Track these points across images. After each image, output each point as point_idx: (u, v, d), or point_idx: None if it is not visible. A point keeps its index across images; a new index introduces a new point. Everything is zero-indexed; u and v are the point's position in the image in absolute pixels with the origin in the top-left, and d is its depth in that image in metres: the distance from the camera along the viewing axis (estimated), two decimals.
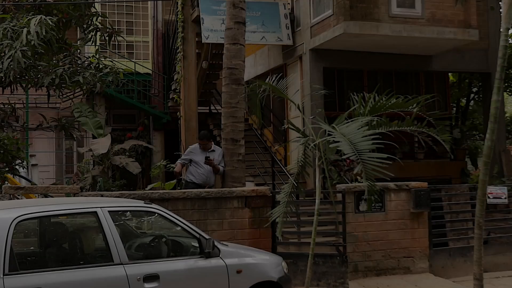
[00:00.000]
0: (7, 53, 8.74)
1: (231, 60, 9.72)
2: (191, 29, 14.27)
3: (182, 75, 14.20)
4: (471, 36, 12.75)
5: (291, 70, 14.54)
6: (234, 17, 9.78)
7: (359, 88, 14.24)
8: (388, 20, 12.19)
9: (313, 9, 13.31)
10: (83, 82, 9.75)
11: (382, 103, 7.22)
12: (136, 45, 18.96)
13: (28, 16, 9.27)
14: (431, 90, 15.08)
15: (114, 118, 19.16)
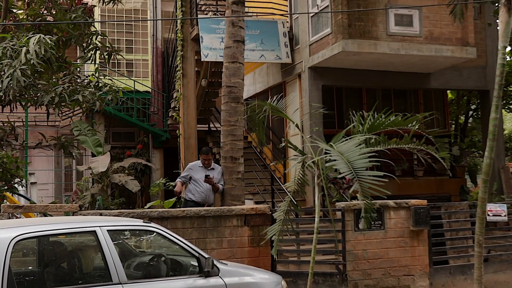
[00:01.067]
0: (7, 72, 8.77)
1: (230, 78, 9.76)
2: (191, 48, 14.33)
3: (182, 93, 14.23)
4: (468, 53, 12.81)
5: (290, 88, 14.59)
6: (233, 35, 9.84)
7: (358, 105, 14.30)
8: (386, 38, 12.25)
9: (311, 27, 13.38)
10: (82, 100, 9.76)
11: (381, 121, 7.25)
12: (136, 63, 19.04)
13: (28, 35, 9.32)
14: (430, 108, 15.13)
15: (114, 136, 19.19)
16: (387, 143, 7.24)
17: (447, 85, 14.61)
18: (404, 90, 15.06)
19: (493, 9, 13.89)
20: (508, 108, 18.85)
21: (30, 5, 11.06)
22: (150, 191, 13.62)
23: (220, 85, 10.47)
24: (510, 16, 8.13)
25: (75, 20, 10.45)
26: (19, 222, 6.01)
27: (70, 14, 10.56)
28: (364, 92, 14.70)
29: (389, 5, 12.34)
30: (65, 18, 10.52)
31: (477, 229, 8.39)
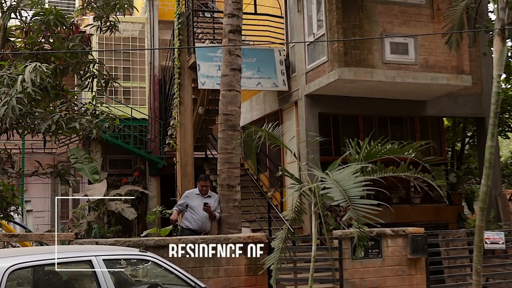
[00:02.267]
0: (3, 100, 8.80)
1: (227, 106, 9.79)
2: (188, 75, 14.42)
3: (179, 121, 14.27)
4: (464, 81, 12.89)
5: (287, 116, 14.64)
6: (230, 64, 9.90)
7: (355, 133, 14.34)
8: (382, 66, 12.34)
9: (308, 55, 13.48)
10: (79, 128, 9.78)
11: (377, 149, 7.27)
12: (133, 91, 19.11)
13: (26, 63, 9.37)
14: (426, 135, 15.17)
15: (110, 163, 19.17)
16: (384, 171, 7.25)
17: (443, 112, 14.67)
18: (400, 117, 15.12)
19: (488, 38, 14.07)
20: (505, 135, 18.92)
21: (28, 34, 11.15)
22: (147, 219, 13.56)
23: (217, 112, 10.51)
24: (504, 45, 8.23)
25: (72, 48, 10.53)
26: (14, 252, 5.98)
27: (68, 42, 10.64)
28: (361, 119, 14.76)
29: (385, 33, 12.45)
30: (62, 46, 10.60)
31: (475, 258, 8.37)
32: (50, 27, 10.53)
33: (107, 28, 11.42)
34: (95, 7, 11.25)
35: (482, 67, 14.70)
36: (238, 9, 10.08)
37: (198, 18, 15.23)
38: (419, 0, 12.96)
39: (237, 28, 10.04)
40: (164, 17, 19.59)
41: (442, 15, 11.97)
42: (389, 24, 12.60)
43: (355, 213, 6.25)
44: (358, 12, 12.36)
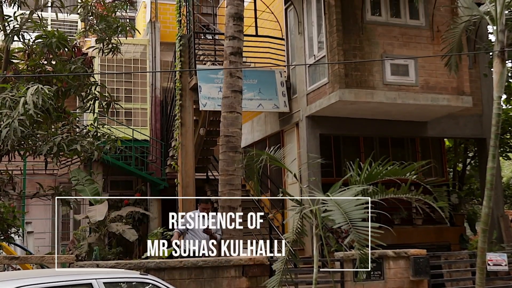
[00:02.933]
0: (5, 122, 8.83)
1: (228, 128, 9.82)
2: (189, 97, 14.46)
3: (180, 142, 14.29)
4: (464, 102, 12.93)
5: (288, 137, 14.66)
6: (231, 85, 9.94)
7: (356, 154, 14.34)
8: (383, 87, 12.38)
9: (308, 77, 13.54)
10: (81, 150, 9.80)
11: (378, 171, 7.27)
12: (135, 112, 19.16)
13: (28, 85, 9.41)
14: (427, 156, 15.17)
15: (112, 184, 19.17)
16: (385, 193, 7.25)
17: (444, 133, 14.69)
18: (401, 138, 15.13)
19: (488, 59, 14.13)
20: (506, 156, 18.90)
21: (31, 56, 11.21)
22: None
23: (218, 133, 10.54)
24: (504, 67, 8.27)
25: (75, 71, 10.58)
26: (14, 275, 5.96)
27: (70, 65, 10.69)
28: (362, 140, 14.77)
29: (385, 55, 12.52)
30: (64, 69, 10.65)
31: (478, 280, 8.33)
32: (53, 50, 10.58)
33: (109, 51, 11.48)
34: (97, 30, 11.33)
35: (483, 88, 14.75)
36: (239, 32, 10.15)
37: (199, 40, 15.32)
38: (419, 22, 13.06)
39: (238, 50, 10.10)
40: (165, 39, 19.71)
41: (441, 37, 12.05)
42: (389, 45, 12.67)
43: (357, 235, 6.24)
44: (358, 34, 12.45)
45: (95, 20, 11.47)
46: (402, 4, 13.01)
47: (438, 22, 12.92)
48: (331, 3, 12.34)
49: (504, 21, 8.57)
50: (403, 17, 13.03)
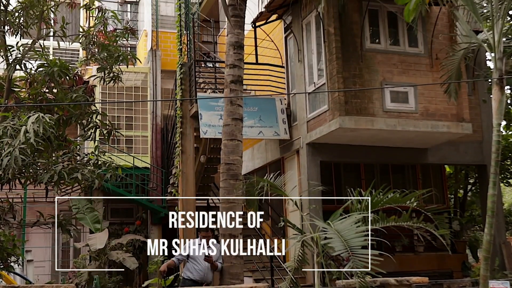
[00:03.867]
0: (6, 151, 8.86)
1: (228, 155, 9.83)
2: (190, 125, 14.52)
3: (180, 170, 14.31)
4: (464, 129, 12.96)
5: (288, 164, 14.67)
6: (231, 113, 9.98)
7: (357, 181, 14.34)
8: (383, 114, 12.43)
9: (309, 104, 13.60)
10: (81, 179, 9.81)
11: (379, 199, 7.27)
12: (135, 140, 19.21)
13: (29, 114, 9.46)
14: (428, 182, 15.16)
15: (112, 212, 19.13)
16: (386, 220, 7.24)
17: (444, 160, 14.70)
18: (402, 165, 15.13)
19: (487, 85, 14.21)
20: (507, 182, 18.88)
21: (32, 85, 11.28)
22: (148, 269, 13.45)
23: (219, 161, 10.55)
24: (503, 94, 8.32)
25: (76, 99, 10.63)
26: None
27: (72, 93, 10.75)
28: (362, 167, 14.78)
29: (385, 82, 12.59)
30: (66, 97, 10.71)
31: None
32: (54, 78, 10.65)
33: (110, 79, 11.55)
34: (98, 59, 11.41)
35: (482, 114, 14.80)
36: (239, 60, 10.22)
37: (200, 68, 15.44)
38: (418, 49, 13.17)
39: (239, 79, 10.16)
40: (166, 67, 19.85)
41: (440, 64, 12.14)
42: (388, 73, 12.76)
43: (357, 263, 6.22)
44: (358, 61, 12.54)
45: (97, 49, 11.56)
46: (401, 32, 13.14)
47: (437, 49, 13.02)
48: (330, 32, 12.46)
49: (502, 49, 8.64)
50: (402, 45, 13.14)
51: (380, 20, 13.08)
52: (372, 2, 12.37)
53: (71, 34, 12.46)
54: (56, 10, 11.46)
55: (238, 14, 10.17)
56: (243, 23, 10.30)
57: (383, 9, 12.86)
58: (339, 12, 12.47)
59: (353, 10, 12.78)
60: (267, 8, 13.88)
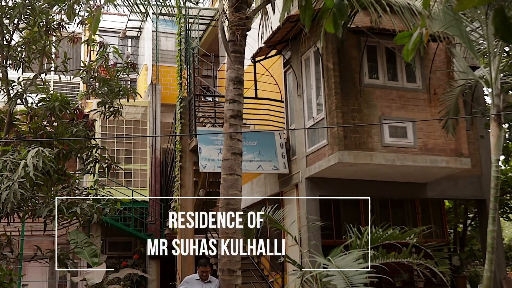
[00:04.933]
0: (5, 185, 8.86)
1: (227, 190, 9.81)
2: (189, 158, 14.55)
3: (179, 204, 14.28)
4: (463, 164, 12.98)
5: (287, 198, 14.63)
6: (231, 148, 9.99)
7: (356, 216, 14.30)
8: (382, 149, 12.47)
9: (308, 138, 13.64)
10: (80, 213, 9.80)
11: (379, 235, 7.26)
12: (135, 173, 19.21)
13: (29, 148, 9.50)
14: (428, 217, 15.12)
15: (110, 246, 19.02)
16: (386, 256, 7.22)
17: (443, 194, 14.69)
18: (401, 199, 15.11)
19: (485, 120, 14.29)
20: (507, 217, 18.84)
21: (33, 119, 11.34)
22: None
23: (218, 195, 10.53)
24: (501, 130, 8.37)
25: (76, 133, 10.68)
26: None
27: (72, 128, 10.81)
28: (362, 202, 14.74)
29: (383, 117, 12.66)
30: (66, 131, 10.76)
31: None
32: (55, 113, 10.73)
33: (110, 114, 11.63)
34: (99, 93, 11.51)
35: (481, 149, 14.83)
36: (239, 95, 10.27)
37: (199, 102, 15.54)
38: (416, 85, 13.27)
39: (238, 113, 10.19)
40: (166, 101, 19.97)
41: (438, 99, 12.23)
42: (387, 108, 12.83)
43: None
44: (356, 96, 12.63)
45: (98, 83, 11.67)
46: (399, 67, 13.26)
47: (434, 85, 13.12)
48: (329, 67, 12.58)
49: (499, 85, 8.73)
50: (400, 80, 13.25)
51: (378, 56, 13.21)
52: (370, 38, 12.51)
53: (72, 69, 12.59)
54: (58, 45, 11.59)
55: (238, 50, 10.27)
56: (242, 58, 10.39)
57: (381, 45, 13.00)
58: (338, 48, 12.61)
59: (352, 46, 12.92)
60: (267, 44, 14.02)
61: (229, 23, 10.18)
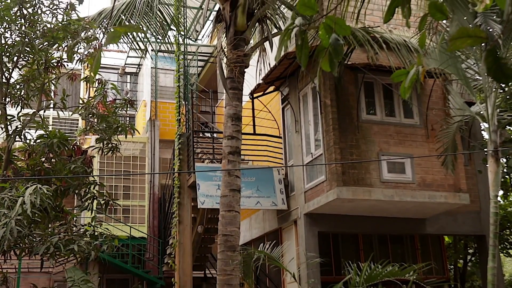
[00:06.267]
0: (2, 222, 8.83)
1: (226, 227, 9.77)
2: (187, 194, 14.51)
3: (178, 240, 14.20)
4: (462, 200, 12.96)
5: (286, 234, 14.56)
6: (229, 184, 9.98)
7: (355, 252, 14.21)
8: (380, 185, 12.45)
9: (306, 174, 13.63)
10: (77, 250, 9.74)
11: (378, 272, 7.20)
12: (133, 209, 19.15)
13: (27, 185, 9.48)
14: (427, 253, 15.02)
15: (107, 283, 18.84)
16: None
17: (443, 230, 14.62)
18: (400, 235, 15.03)
19: (482, 155, 14.31)
20: (507, 252, 18.73)
21: (31, 155, 11.35)
22: None
23: (217, 231, 10.49)
24: (498, 166, 8.38)
25: (74, 170, 10.69)
26: None
27: (70, 164, 10.82)
28: (361, 238, 14.67)
29: (381, 153, 12.68)
30: (64, 168, 10.76)
31: None
32: (53, 149, 10.75)
33: (109, 150, 11.65)
34: (98, 130, 11.55)
35: (479, 184, 14.83)
36: (237, 132, 10.31)
37: (198, 138, 15.57)
38: (413, 121, 13.33)
39: (236, 150, 10.22)
40: (164, 137, 20.03)
41: (436, 136, 12.27)
42: (385, 143, 12.87)
43: None
44: (354, 132, 12.67)
45: (96, 120, 11.72)
46: (396, 104, 13.34)
47: (432, 120, 13.18)
48: (327, 103, 12.65)
49: (496, 121, 8.77)
50: (398, 116, 13.31)
51: (375, 92, 13.31)
52: (367, 75, 12.62)
53: (71, 105, 12.66)
54: (57, 82, 11.67)
55: (236, 87, 10.34)
56: (241, 95, 10.46)
57: (378, 81, 13.10)
58: (335, 84, 12.71)
59: (349, 83, 13.02)
60: (265, 80, 14.12)
61: (228, 60, 10.29)
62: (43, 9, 11.08)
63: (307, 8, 3.54)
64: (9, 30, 10.92)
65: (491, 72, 2.91)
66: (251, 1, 10.32)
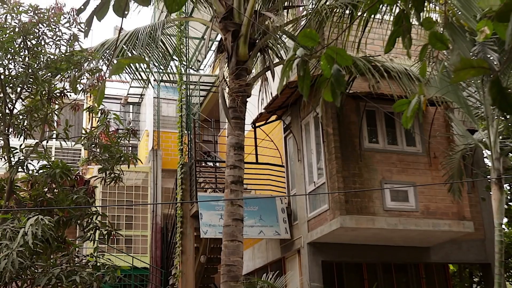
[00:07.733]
0: (3, 254, 8.78)
1: (229, 257, 9.73)
2: (190, 224, 14.48)
3: (180, 270, 14.12)
4: (466, 228, 12.89)
5: (289, 264, 14.46)
6: (232, 214, 9.97)
7: (359, 281, 14.09)
8: (383, 213, 12.41)
9: (309, 203, 13.59)
10: (79, 281, 9.66)
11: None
12: (135, 239, 19.05)
13: (29, 215, 9.45)
14: (432, 281, 14.88)
15: None
16: None
17: (447, 258, 14.51)
18: (404, 264, 14.91)
19: (486, 183, 14.27)
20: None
21: (34, 186, 11.34)
22: None
23: (219, 261, 10.44)
24: (502, 194, 8.36)
25: (76, 200, 10.67)
26: None
27: (72, 195, 10.80)
28: (365, 267, 14.55)
29: (384, 181, 12.67)
30: (67, 198, 10.74)
31: None
32: (56, 179, 10.74)
33: (111, 180, 11.64)
34: (100, 160, 11.55)
35: (483, 212, 14.75)
36: (239, 161, 10.33)
37: (200, 168, 15.58)
38: (416, 148, 13.34)
39: (239, 179, 10.22)
40: (167, 166, 20.01)
41: (439, 163, 12.25)
42: (388, 172, 12.85)
43: None
44: (357, 161, 12.67)
45: (99, 150, 11.73)
46: (399, 132, 13.36)
47: (434, 148, 13.18)
48: (329, 132, 12.68)
49: (499, 149, 8.77)
50: (400, 144, 13.32)
51: (377, 120, 13.34)
52: (369, 103, 12.67)
53: (74, 135, 12.68)
54: (59, 113, 11.71)
55: (238, 116, 10.39)
56: (243, 124, 10.51)
57: (380, 110, 13.14)
58: (337, 113, 12.75)
59: (351, 111, 13.06)
60: (267, 109, 14.18)
61: (230, 90, 10.36)
62: (47, 40, 11.15)
63: (309, 39, 3.57)
64: (13, 62, 10.99)
65: (496, 103, 2.91)
66: (252, 32, 10.42)
